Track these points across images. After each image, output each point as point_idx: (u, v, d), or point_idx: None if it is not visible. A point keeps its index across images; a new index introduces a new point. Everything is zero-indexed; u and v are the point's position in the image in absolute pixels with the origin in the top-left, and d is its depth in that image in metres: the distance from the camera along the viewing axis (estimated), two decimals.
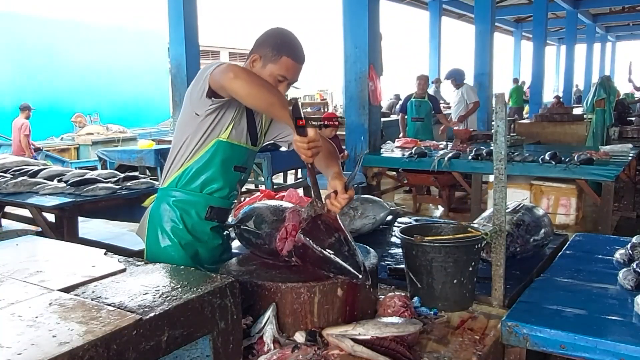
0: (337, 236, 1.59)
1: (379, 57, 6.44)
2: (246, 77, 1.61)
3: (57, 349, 1.00)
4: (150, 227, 1.94)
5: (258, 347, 1.51)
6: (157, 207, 1.93)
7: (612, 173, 4.70)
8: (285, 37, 1.83)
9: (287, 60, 1.79)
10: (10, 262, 1.56)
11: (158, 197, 1.95)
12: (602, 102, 7.87)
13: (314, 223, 1.64)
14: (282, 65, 1.78)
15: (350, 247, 1.57)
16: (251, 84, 1.60)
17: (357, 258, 1.55)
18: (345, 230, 1.63)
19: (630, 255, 2.10)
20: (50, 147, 10.08)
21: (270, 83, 1.71)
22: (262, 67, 1.79)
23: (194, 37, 6.74)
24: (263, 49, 1.80)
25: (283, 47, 1.79)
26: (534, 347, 1.63)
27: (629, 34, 25.55)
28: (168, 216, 1.89)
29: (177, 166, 1.89)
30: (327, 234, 1.60)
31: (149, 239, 1.94)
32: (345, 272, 1.55)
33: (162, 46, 15.49)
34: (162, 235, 1.90)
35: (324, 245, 1.58)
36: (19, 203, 4.21)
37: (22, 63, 12.87)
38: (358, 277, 1.53)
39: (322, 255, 1.58)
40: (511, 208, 2.36)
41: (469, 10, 13.67)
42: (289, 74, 1.81)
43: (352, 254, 1.56)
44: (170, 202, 1.90)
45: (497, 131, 1.78)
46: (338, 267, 1.55)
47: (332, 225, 1.63)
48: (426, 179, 6.21)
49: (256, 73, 1.76)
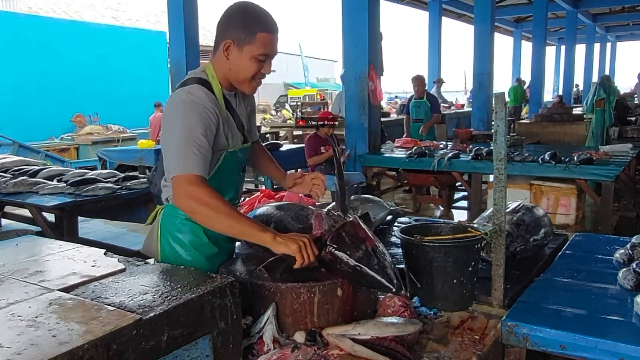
0: (365, 248, 1.54)
1: (379, 57, 6.44)
2: (205, 212, 1.54)
3: (57, 349, 1.01)
4: (164, 243, 1.82)
5: (258, 347, 1.51)
6: (171, 223, 1.80)
7: (612, 173, 4.70)
8: (252, 10, 1.66)
9: (263, 35, 1.64)
10: (10, 262, 1.56)
11: (170, 213, 1.81)
12: (602, 102, 7.86)
13: (339, 235, 1.58)
14: (260, 42, 1.64)
15: (379, 259, 1.52)
16: (212, 220, 1.56)
17: (388, 270, 1.52)
18: (371, 237, 1.58)
19: (630, 255, 2.10)
20: (50, 147, 10.07)
21: (227, 207, 1.57)
22: (238, 51, 1.66)
23: (194, 37, 6.75)
24: (232, 32, 1.65)
25: (254, 22, 1.64)
26: (533, 347, 1.63)
27: (629, 34, 25.53)
28: (187, 231, 1.78)
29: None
30: (354, 246, 1.55)
31: (165, 256, 1.82)
32: (377, 285, 1.53)
33: (162, 46, 15.52)
34: (184, 251, 1.79)
35: (352, 259, 1.53)
36: (19, 203, 4.20)
37: (22, 63, 12.86)
38: (392, 289, 1.51)
39: (352, 271, 1.54)
40: (511, 208, 2.36)
41: (468, 10, 13.65)
42: (269, 49, 1.67)
43: (382, 267, 1.51)
44: (187, 217, 1.73)
45: (497, 131, 1.78)
46: (370, 280, 1.53)
47: (358, 235, 1.58)
48: (426, 179, 6.21)
49: (234, 60, 1.67)
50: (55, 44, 13.59)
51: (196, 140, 1.59)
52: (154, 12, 24.59)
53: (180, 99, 1.65)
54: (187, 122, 1.60)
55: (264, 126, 14.23)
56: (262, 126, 13.72)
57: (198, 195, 1.55)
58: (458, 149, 5.92)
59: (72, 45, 13.91)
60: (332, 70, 31.54)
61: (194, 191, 1.55)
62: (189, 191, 1.55)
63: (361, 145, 6.28)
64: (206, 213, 1.55)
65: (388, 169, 6.61)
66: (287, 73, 30.88)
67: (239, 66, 1.68)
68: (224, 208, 1.55)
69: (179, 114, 1.62)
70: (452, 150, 5.91)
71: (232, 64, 1.69)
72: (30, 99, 12.77)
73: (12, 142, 9.09)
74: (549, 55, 19.06)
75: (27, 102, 12.66)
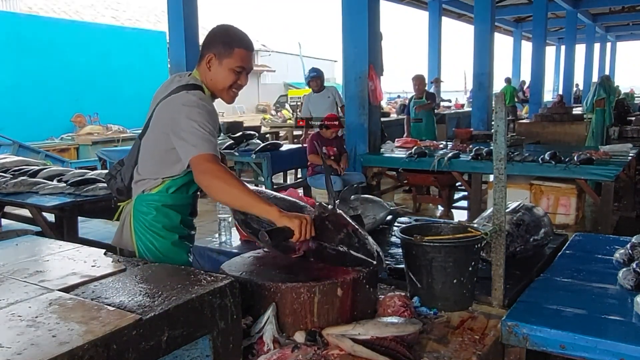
0: (346, 231, 1.68)
1: (379, 57, 6.44)
2: (219, 186, 1.73)
3: (57, 349, 1.00)
4: (138, 232, 1.99)
5: (258, 347, 1.51)
6: (144, 212, 1.98)
7: (612, 173, 4.70)
8: (232, 31, 1.96)
9: (240, 50, 1.92)
10: (10, 262, 1.56)
11: (143, 203, 1.99)
12: (602, 102, 7.86)
13: (322, 223, 1.72)
14: (237, 56, 1.91)
15: (360, 238, 1.65)
16: (225, 193, 1.73)
17: (368, 246, 1.63)
18: (352, 224, 1.69)
19: (630, 255, 2.10)
20: (50, 147, 10.06)
21: (238, 182, 1.76)
22: (219, 64, 1.92)
23: (194, 37, 6.75)
24: (214, 47, 1.93)
25: (234, 40, 1.92)
26: (533, 347, 1.63)
27: (629, 33, 25.53)
28: (161, 215, 1.98)
29: (167, 175, 1.96)
30: (336, 230, 1.69)
31: (140, 241, 1.99)
32: (361, 261, 1.63)
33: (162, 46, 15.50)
34: (157, 235, 1.98)
35: (335, 242, 1.68)
36: (19, 203, 4.20)
37: (22, 63, 12.86)
38: (373, 263, 1.61)
39: (336, 252, 1.67)
40: (511, 208, 2.36)
41: (468, 10, 13.65)
42: (245, 63, 1.95)
43: (362, 244, 1.64)
44: (160, 206, 1.98)
45: (497, 131, 1.78)
46: (352, 258, 1.64)
47: (339, 221, 1.71)
48: (426, 179, 6.21)
49: (215, 71, 1.93)
50: (55, 44, 13.57)
51: (211, 131, 1.82)
52: (154, 12, 24.61)
53: (195, 98, 1.86)
54: (204, 116, 1.83)
55: (264, 126, 14.22)
56: (262, 126, 13.71)
57: (214, 171, 1.74)
58: (458, 149, 5.92)
59: (72, 45, 13.89)
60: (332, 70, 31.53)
61: (211, 167, 1.75)
62: (206, 167, 1.75)
63: (361, 145, 6.28)
64: (220, 186, 1.73)
65: (388, 169, 6.61)
66: (287, 73, 30.86)
67: (218, 76, 1.94)
68: (235, 183, 1.74)
69: (197, 109, 1.83)
70: (452, 150, 5.91)
71: (213, 75, 1.95)
72: (30, 99, 12.74)
73: (12, 142, 9.07)
74: (549, 55, 19.05)
75: (27, 102, 12.63)
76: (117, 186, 2.12)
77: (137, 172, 2.03)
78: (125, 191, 2.10)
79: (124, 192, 2.10)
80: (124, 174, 2.10)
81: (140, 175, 2.01)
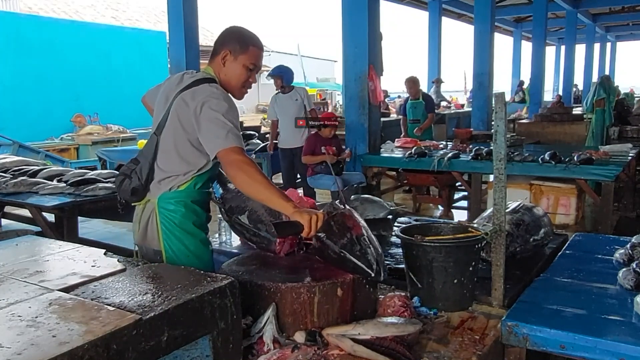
0: (350, 236, 1.67)
1: (379, 57, 6.44)
2: (241, 177, 1.79)
3: (57, 349, 1.00)
4: (170, 230, 1.99)
5: (258, 347, 1.51)
6: (175, 210, 1.99)
7: (612, 173, 4.70)
8: (246, 31, 2.07)
9: (254, 49, 2.03)
10: (10, 262, 1.56)
11: (176, 199, 1.99)
12: (601, 102, 7.85)
13: (328, 224, 1.74)
14: (251, 54, 2.02)
15: (362, 247, 1.64)
16: (247, 184, 1.79)
17: (369, 256, 1.61)
18: (360, 226, 1.70)
19: (630, 255, 2.10)
20: (50, 147, 10.05)
21: (261, 176, 1.81)
22: (234, 59, 2.01)
23: (193, 37, 6.74)
24: (230, 44, 2.02)
25: (248, 39, 2.03)
26: (533, 347, 1.63)
27: (629, 33, 25.49)
28: (191, 214, 2.02)
29: (197, 169, 2.00)
30: (340, 234, 1.69)
31: (172, 243, 1.99)
32: (358, 270, 1.62)
33: (162, 46, 15.50)
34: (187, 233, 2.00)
35: (338, 245, 1.67)
36: (19, 203, 4.19)
37: (22, 63, 12.86)
38: (370, 274, 1.60)
39: (336, 256, 1.67)
40: (511, 208, 2.36)
41: (468, 10, 13.64)
42: (257, 61, 2.05)
43: (363, 253, 1.62)
44: (189, 202, 2.01)
45: (497, 131, 1.78)
46: (351, 265, 1.63)
47: (345, 224, 1.71)
48: (426, 179, 6.20)
49: (229, 67, 2.01)
50: (55, 44, 13.56)
51: (235, 123, 1.89)
52: (154, 12, 24.59)
53: (219, 91, 1.93)
54: (232, 110, 1.90)
55: (264, 126, 14.20)
56: (262, 126, 13.69)
57: (240, 162, 1.81)
58: (458, 149, 5.92)
59: (72, 45, 13.88)
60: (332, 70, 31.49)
61: (237, 159, 1.82)
62: (232, 159, 1.82)
63: (361, 145, 6.28)
64: (244, 179, 1.79)
65: (388, 169, 6.61)
66: None
67: (233, 72, 2.02)
68: (259, 177, 1.79)
69: (222, 101, 1.90)
70: (452, 150, 5.91)
71: (227, 70, 2.02)
72: (30, 99, 12.74)
73: (12, 142, 9.06)
74: (549, 55, 19.04)
75: (27, 102, 12.63)
76: (133, 185, 2.03)
77: (159, 169, 2.01)
78: (141, 190, 2.03)
79: (140, 192, 2.04)
80: (140, 173, 2.02)
81: (165, 172, 2.00)
